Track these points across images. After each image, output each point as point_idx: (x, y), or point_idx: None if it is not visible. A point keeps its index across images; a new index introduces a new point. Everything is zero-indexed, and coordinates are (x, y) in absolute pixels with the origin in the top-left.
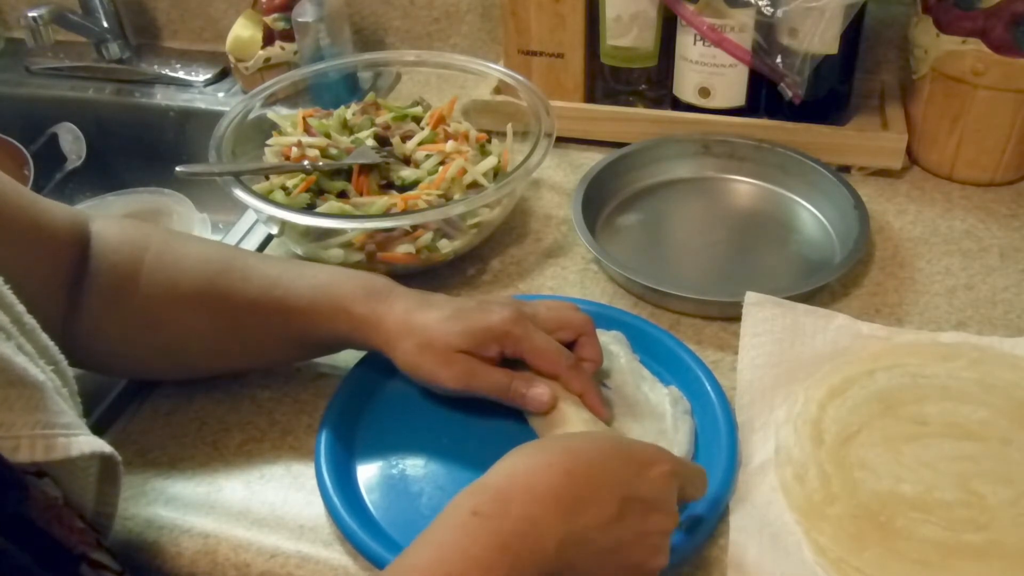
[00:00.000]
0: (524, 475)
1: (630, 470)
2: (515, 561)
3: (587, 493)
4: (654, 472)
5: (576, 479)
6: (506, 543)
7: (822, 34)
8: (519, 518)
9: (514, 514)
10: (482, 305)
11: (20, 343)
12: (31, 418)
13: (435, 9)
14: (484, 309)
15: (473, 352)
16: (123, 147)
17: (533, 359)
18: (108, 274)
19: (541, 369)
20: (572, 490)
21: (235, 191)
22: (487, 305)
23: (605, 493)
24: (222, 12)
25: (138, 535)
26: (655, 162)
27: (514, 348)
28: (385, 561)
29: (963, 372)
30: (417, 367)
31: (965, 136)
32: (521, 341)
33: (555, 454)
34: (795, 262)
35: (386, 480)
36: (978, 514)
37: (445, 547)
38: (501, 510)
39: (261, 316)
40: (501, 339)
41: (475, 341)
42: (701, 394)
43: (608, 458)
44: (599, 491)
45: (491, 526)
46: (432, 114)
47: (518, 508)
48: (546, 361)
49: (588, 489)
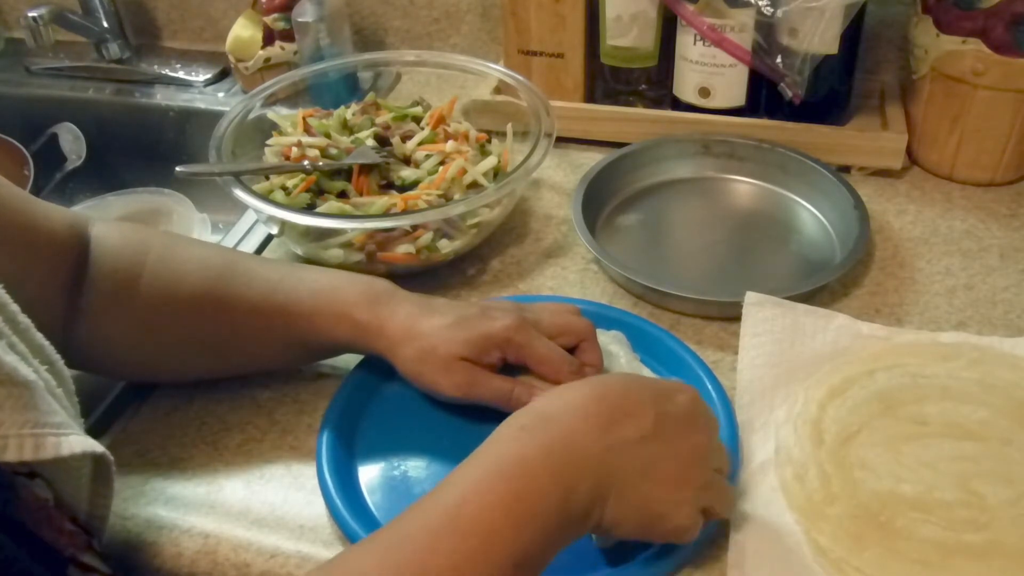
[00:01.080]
0: (563, 400)
1: (662, 392)
2: (563, 465)
3: (620, 412)
4: (680, 396)
5: (610, 401)
6: (552, 449)
7: (822, 34)
8: (562, 429)
9: (557, 427)
10: (484, 312)
11: (12, 342)
12: (20, 417)
13: (435, 9)
14: (486, 316)
15: (475, 360)
16: (123, 147)
17: (536, 366)
18: (108, 278)
19: (544, 375)
20: (607, 409)
21: (235, 191)
22: (489, 311)
23: (638, 410)
24: (222, 12)
25: (138, 535)
26: (655, 162)
27: (516, 355)
28: None
29: (963, 372)
30: (418, 374)
31: (965, 136)
32: (523, 348)
33: (588, 385)
34: (795, 262)
35: (388, 481)
36: (978, 514)
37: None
38: (545, 425)
39: (262, 322)
40: (503, 346)
41: (477, 348)
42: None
43: (637, 386)
44: (632, 409)
45: (538, 437)
46: (432, 114)
47: (560, 423)
48: (549, 368)
49: (621, 409)
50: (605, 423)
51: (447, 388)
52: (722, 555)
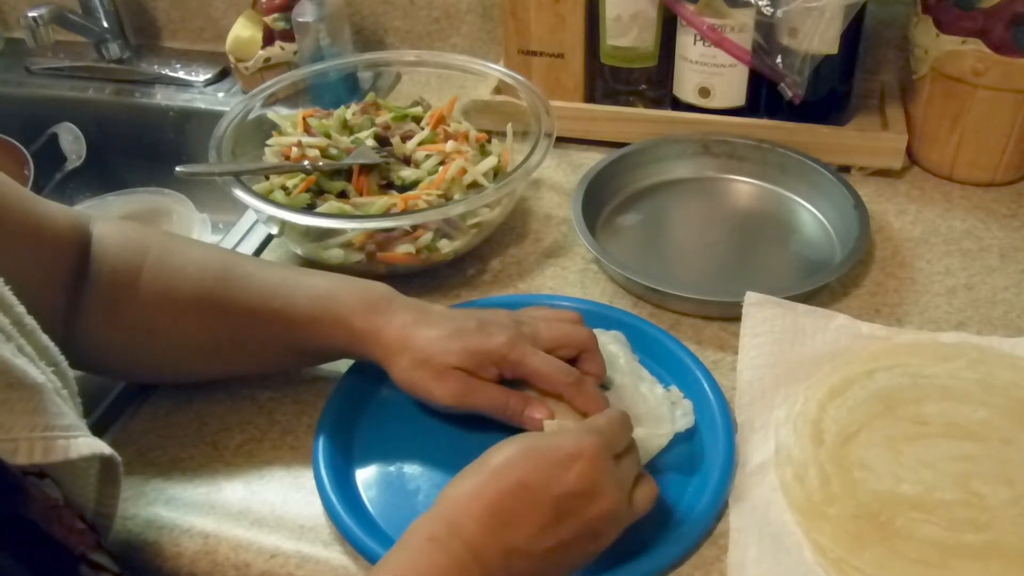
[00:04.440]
0: (465, 499)
1: (556, 470)
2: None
3: (521, 505)
4: (578, 464)
5: (507, 495)
6: (459, 561)
7: (822, 34)
8: (464, 539)
9: (459, 538)
10: (481, 326)
11: (20, 344)
12: (30, 420)
13: (435, 9)
14: (483, 331)
15: (471, 372)
16: (123, 147)
17: (534, 381)
18: (108, 278)
19: (542, 390)
20: (506, 506)
21: (235, 191)
22: (486, 327)
23: (537, 500)
24: (222, 12)
25: (138, 535)
26: (655, 162)
27: (512, 371)
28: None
29: (963, 372)
30: (412, 382)
31: (965, 136)
32: (518, 365)
33: (485, 476)
34: (795, 262)
35: (384, 478)
36: (978, 514)
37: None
38: (449, 533)
39: (260, 326)
40: (499, 363)
41: (473, 362)
42: (699, 395)
43: (532, 467)
44: (531, 500)
45: (444, 548)
46: (432, 114)
47: (463, 532)
48: (547, 382)
49: (521, 501)
50: (504, 524)
51: (442, 396)
52: (722, 555)
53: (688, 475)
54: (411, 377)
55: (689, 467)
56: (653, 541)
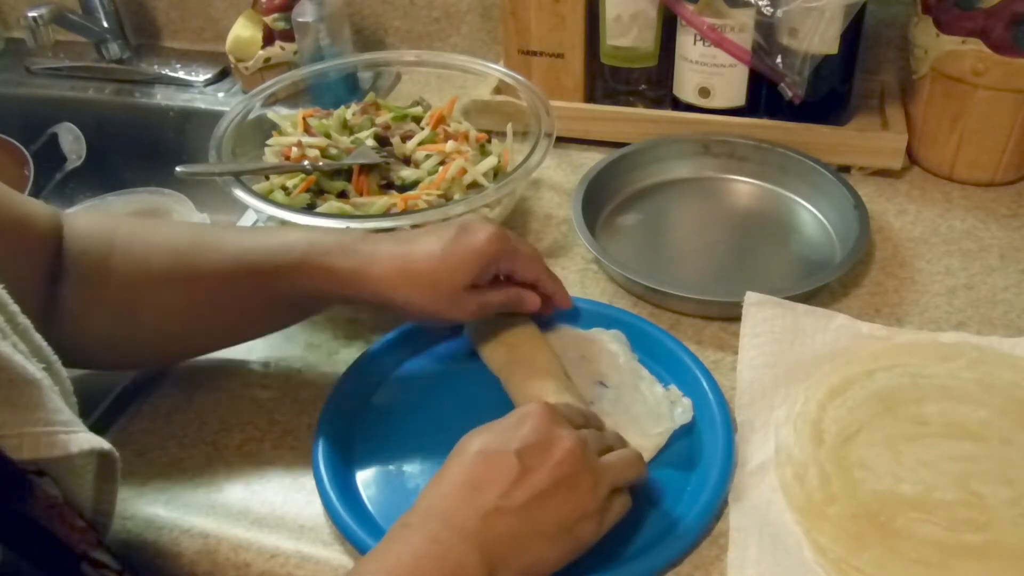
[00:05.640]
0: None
1: (509, 432)
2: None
3: (485, 469)
4: (528, 420)
5: (471, 466)
6: (434, 535)
7: (822, 34)
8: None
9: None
10: (462, 230)
11: (14, 342)
12: (32, 415)
13: (435, 9)
14: (468, 231)
15: (478, 282)
16: (123, 147)
17: (524, 266)
18: (80, 261)
19: (527, 275)
20: (474, 474)
21: (235, 191)
22: (468, 227)
23: (499, 459)
24: (222, 12)
25: (138, 535)
26: (655, 162)
27: (509, 264)
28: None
29: (963, 372)
30: (421, 309)
31: (965, 136)
32: (513, 255)
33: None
34: (795, 262)
35: (383, 478)
36: (978, 514)
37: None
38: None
39: (237, 285)
40: (497, 260)
41: (477, 269)
42: (699, 394)
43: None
44: (494, 461)
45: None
46: (432, 114)
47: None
48: (534, 265)
49: (484, 465)
50: (474, 489)
51: (461, 319)
52: (722, 555)
53: (688, 474)
54: (421, 304)
55: (688, 466)
56: (653, 540)
